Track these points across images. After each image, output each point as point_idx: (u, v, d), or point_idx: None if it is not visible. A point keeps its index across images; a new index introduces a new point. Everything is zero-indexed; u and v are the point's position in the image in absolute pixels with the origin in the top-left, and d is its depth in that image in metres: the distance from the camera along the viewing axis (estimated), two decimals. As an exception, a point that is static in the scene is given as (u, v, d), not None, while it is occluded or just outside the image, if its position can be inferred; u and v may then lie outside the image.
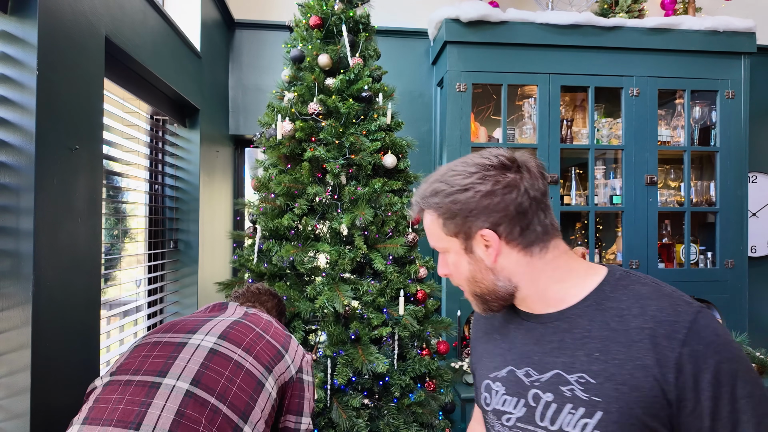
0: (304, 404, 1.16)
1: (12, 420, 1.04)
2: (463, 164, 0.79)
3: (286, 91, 1.87)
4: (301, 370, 1.17)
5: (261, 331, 1.15)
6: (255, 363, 1.06)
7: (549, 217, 0.78)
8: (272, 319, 1.25)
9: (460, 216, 0.76)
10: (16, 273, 1.04)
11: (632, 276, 0.75)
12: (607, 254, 2.66)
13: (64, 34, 1.17)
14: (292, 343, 1.20)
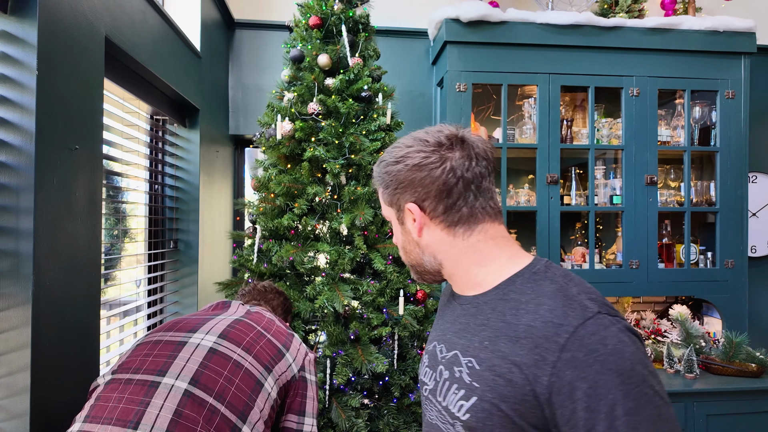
0: (306, 404, 1.15)
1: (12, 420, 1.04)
2: (409, 137, 0.80)
3: (286, 91, 1.87)
4: (304, 369, 1.16)
5: (262, 329, 1.14)
6: (254, 363, 1.05)
7: (482, 200, 0.78)
8: (275, 317, 1.24)
9: (391, 187, 0.79)
10: (16, 273, 1.05)
11: (549, 271, 0.74)
12: (607, 254, 2.66)
13: (64, 34, 1.17)
14: (294, 341, 1.18)
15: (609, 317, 0.65)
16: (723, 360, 2.23)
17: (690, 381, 2.14)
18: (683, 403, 2.06)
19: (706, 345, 2.34)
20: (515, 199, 2.52)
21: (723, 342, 2.27)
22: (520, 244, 2.60)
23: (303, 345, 1.21)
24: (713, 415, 2.08)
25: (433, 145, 0.77)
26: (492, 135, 2.55)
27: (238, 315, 1.18)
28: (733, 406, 2.09)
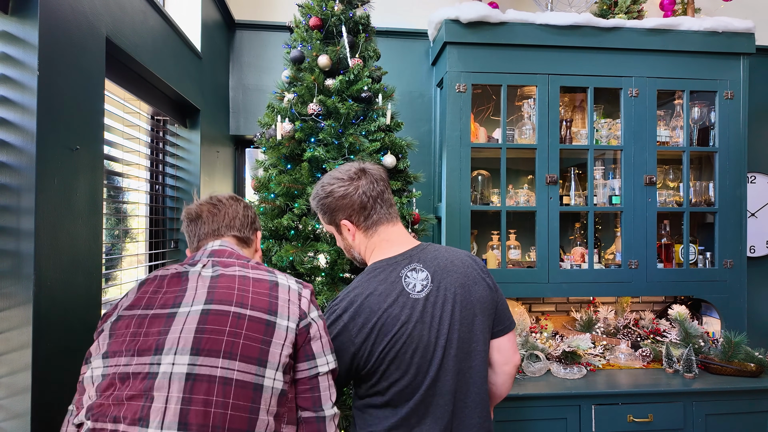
0: (313, 345, 1.01)
1: (12, 420, 1.04)
2: (329, 177, 1.25)
3: (286, 91, 1.87)
4: (304, 316, 1.02)
5: (237, 308, 0.97)
6: (255, 311, 0.97)
7: (385, 209, 1.24)
8: (242, 251, 1.13)
9: (328, 213, 1.25)
10: (16, 273, 1.05)
11: (380, 262, 1.20)
12: (606, 254, 2.66)
13: (65, 34, 1.18)
14: (281, 293, 1.01)
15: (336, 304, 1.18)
16: (722, 360, 2.24)
17: (689, 381, 2.14)
18: (682, 402, 2.07)
19: (705, 345, 2.34)
20: (514, 200, 2.53)
21: (722, 342, 2.28)
22: (520, 244, 2.62)
23: (292, 286, 1.04)
24: (712, 415, 2.08)
25: (347, 179, 1.22)
26: (491, 135, 2.56)
27: (204, 296, 0.97)
28: (731, 405, 2.09)
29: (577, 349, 2.20)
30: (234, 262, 1.08)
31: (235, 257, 1.10)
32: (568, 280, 2.36)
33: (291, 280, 1.07)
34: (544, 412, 2.01)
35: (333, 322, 1.15)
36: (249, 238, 1.23)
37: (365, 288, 1.16)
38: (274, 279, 1.04)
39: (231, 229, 1.20)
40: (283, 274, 1.09)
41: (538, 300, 2.70)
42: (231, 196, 1.25)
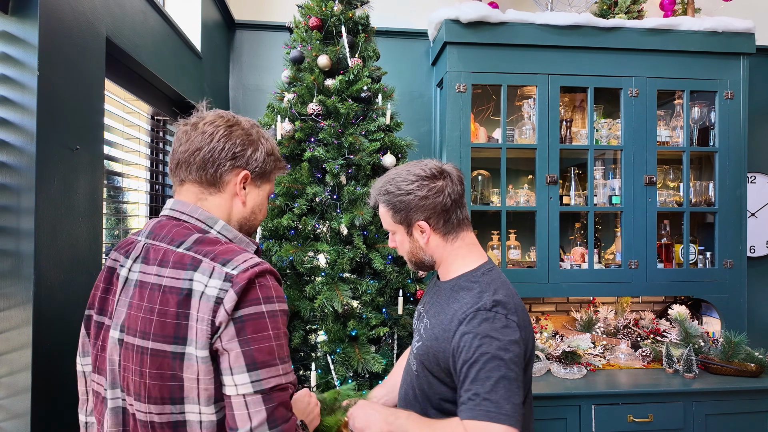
0: (230, 360, 0.80)
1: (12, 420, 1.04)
2: (407, 173, 1.15)
3: (286, 91, 1.87)
4: (218, 330, 0.80)
5: (154, 304, 0.83)
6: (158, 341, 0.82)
7: (463, 212, 1.17)
8: (164, 266, 0.85)
9: (404, 211, 1.14)
10: (16, 273, 1.05)
11: (485, 277, 1.12)
12: (606, 254, 2.66)
13: (65, 34, 1.18)
14: (192, 308, 0.81)
15: (493, 312, 1.04)
16: (722, 360, 2.24)
17: (689, 381, 2.14)
18: (682, 402, 2.06)
19: (705, 345, 2.34)
20: (515, 200, 2.52)
21: (722, 342, 2.28)
22: (520, 244, 2.62)
23: (208, 292, 0.81)
24: (712, 415, 2.08)
25: (431, 178, 1.13)
26: (491, 135, 2.56)
27: (121, 318, 0.87)
28: (731, 405, 2.09)
29: (577, 349, 2.20)
30: (163, 249, 0.87)
31: (171, 236, 0.88)
32: (568, 280, 2.35)
33: (214, 280, 0.82)
34: (544, 412, 2.01)
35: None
36: (216, 181, 0.93)
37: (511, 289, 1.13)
38: (187, 286, 0.82)
39: (189, 172, 0.93)
40: (210, 264, 0.83)
41: (538, 300, 2.70)
42: (218, 114, 0.96)
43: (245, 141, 0.95)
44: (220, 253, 0.85)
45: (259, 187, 1.00)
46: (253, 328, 0.81)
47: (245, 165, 0.96)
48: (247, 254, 0.87)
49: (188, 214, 0.92)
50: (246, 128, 0.97)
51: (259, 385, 0.81)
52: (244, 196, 0.97)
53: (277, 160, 1.03)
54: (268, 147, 1.00)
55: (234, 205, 0.96)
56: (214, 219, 0.93)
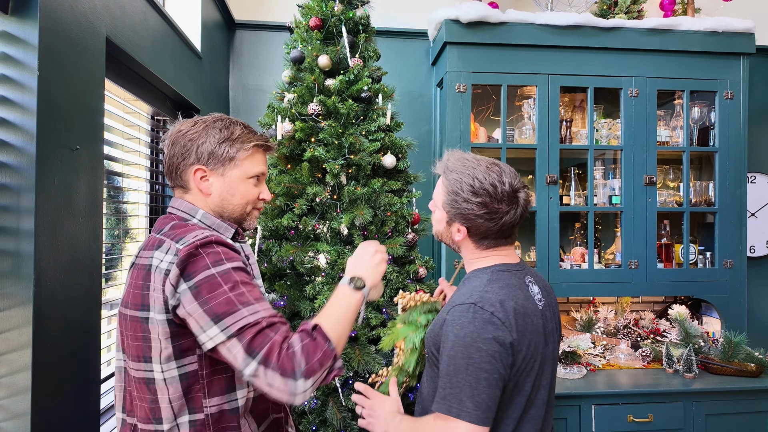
0: (196, 320, 0.91)
1: (12, 420, 1.04)
2: (480, 181, 1.09)
3: (286, 91, 1.87)
4: (172, 295, 0.92)
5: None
6: (133, 307, 0.98)
7: (513, 231, 1.15)
8: (150, 249, 0.99)
9: (454, 210, 1.12)
10: (16, 273, 1.05)
11: (488, 275, 1.12)
12: (606, 254, 2.66)
13: (65, 34, 1.18)
14: (153, 279, 0.94)
15: (479, 306, 1.02)
16: (722, 360, 2.24)
17: (689, 381, 2.14)
18: (682, 402, 2.06)
19: (705, 345, 2.34)
20: (515, 200, 2.52)
21: (722, 342, 2.28)
22: (520, 244, 2.62)
23: (161, 266, 0.94)
24: (712, 415, 2.08)
25: (499, 200, 1.08)
26: (491, 135, 2.56)
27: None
28: (731, 405, 2.09)
29: (577, 349, 2.20)
30: (155, 240, 1.01)
31: (160, 226, 1.04)
32: (568, 280, 2.36)
33: (167, 255, 0.94)
34: (544, 412, 2.01)
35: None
36: (182, 182, 1.08)
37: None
38: (149, 262, 0.96)
39: (171, 180, 1.10)
40: (170, 243, 0.96)
41: (538, 300, 2.70)
42: (194, 122, 1.09)
43: (189, 140, 1.06)
44: (180, 233, 0.98)
45: (223, 175, 1.07)
46: (207, 290, 0.91)
47: (196, 161, 1.06)
48: (202, 231, 0.98)
49: (176, 208, 1.08)
50: (190, 128, 1.07)
51: (228, 331, 0.89)
52: (207, 189, 1.07)
53: (237, 143, 1.07)
54: (221, 135, 1.06)
55: (203, 198, 1.08)
56: (196, 209, 1.08)
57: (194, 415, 0.96)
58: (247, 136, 1.09)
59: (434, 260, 2.55)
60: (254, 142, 1.09)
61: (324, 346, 0.92)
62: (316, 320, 0.97)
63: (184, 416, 0.96)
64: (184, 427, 0.96)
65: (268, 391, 0.89)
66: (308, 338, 0.92)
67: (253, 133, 1.11)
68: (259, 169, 1.11)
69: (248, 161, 1.09)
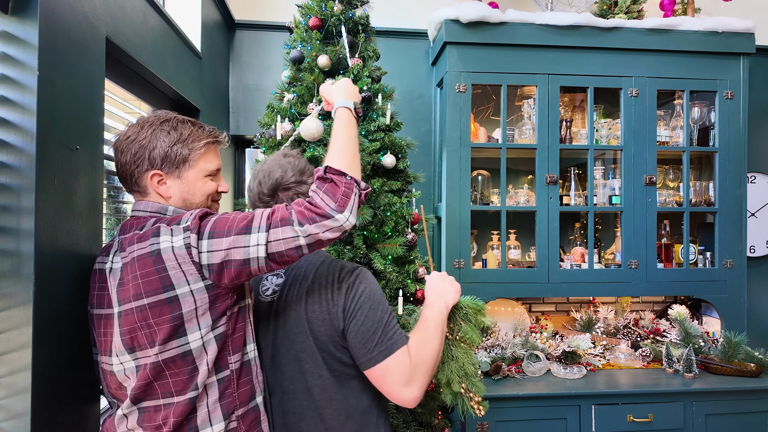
0: (229, 224, 0.98)
1: (12, 420, 1.04)
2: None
3: (286, 91, 1.87)
4: (202, 266, 0.97)
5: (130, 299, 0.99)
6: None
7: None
8: (132, 244, 1.01)
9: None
10: (16, 273, 1.05)
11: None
12: (606, 254, 2.66)
13: (65, 34, 1.18)
14: (166, 260, 0.97)
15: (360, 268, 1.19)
16: (722, 360, 2.24)
17: (689, 381, 2.14)
18: (682, 402, 2.07)
19: (705, 345, 2.34)
20: (514, 200, 2.53)
21: (722, 342, 2.28)
22: (520, 244, 2.62)
23: (176, 244, 0.97)
24: (712, 415, 2.08)
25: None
26: (491, 135, 2.56)
27: (116, 296, 1.02)
28: (731, 405, 2.09)
29: (577, 349, 2.21)
30: (130, 237, 1.02)
31: (135, 227, 1.05)
32: (568, 280, 2.36)
33: (176, 237, 0.97)
34: (544, 412, 2.01)
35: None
36: (139, 187, 1.09)
37: None
38: (155, 248, 0.97)
39: (127, 186, 1.12)
40: (167, 228, 0.99)
41: (538, 300, 2.70)
42: (140, 126, 1.09)
43: (139, 146, 1.06)
44: (171, 219, 1.02)
45: (180, 177, 1.08)
46: (221, 224, 0.98)
47: (150, 166, 1.06)
48: (191, 211, 1.02)
49: (143, 210, 1.08)
50: (138, 133, 1.07)
51: (262, 227, 0.96)
52: (166, 192, 1.08)
53: (189, 142, 1.07)
54: (171, 137, 1.06)
55: (163, 201, 1.09)
56: (165, 207, 1.08)
57: (221, 373, 1.03)
58: (197, 134, 1.09)
59: (434, 260, 2.55)
60: (205, 140, 1.09)
61: (340, 179, 0.99)
62: (325, 162, 1.04)
63: (212, 377, 1.01)
64: (212, 387, 1.01)
65: (320, 237, 0.96)
66: (325, 183, 0.99)
67: (202, 129, 1.11)
68: (214, 166, 1.12)
69: (202, 160, 1.10)
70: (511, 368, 2.20)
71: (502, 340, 2.34)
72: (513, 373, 2.18)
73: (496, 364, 2.15)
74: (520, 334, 2.35)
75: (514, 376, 2.18)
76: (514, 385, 2.08)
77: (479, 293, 2.31)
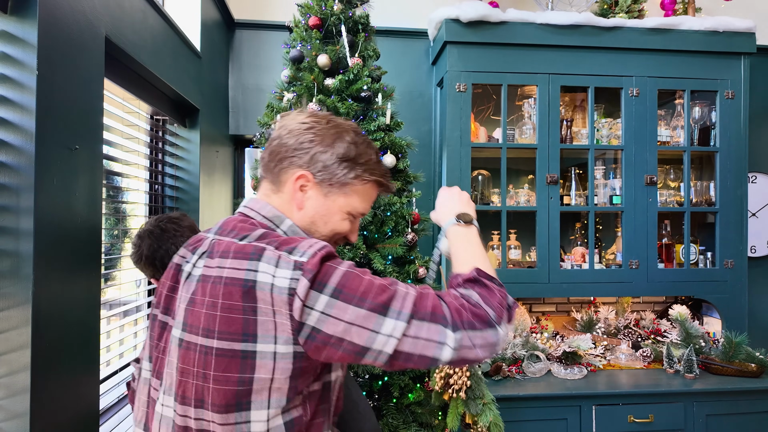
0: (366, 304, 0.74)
1: (12, 420, 1.04)
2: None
3: (286, 91, 1.87)
4: (302, 325, 0.73)
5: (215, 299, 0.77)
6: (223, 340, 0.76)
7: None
8: (225, 258, 0.79)
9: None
10: (16, 273, 1.05)
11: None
12: (607, 254, 2.66)
13: (64, 34, 1.17)
14: (260, 300, 0.74)
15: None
16: (723, 360, 2.23)
17: (690, 381, 2.14)
18: (683, 403, 2.06)
19: (706, 345, 2.34)
20: (515, 199, 2.52)
21: (723, 342, 2.27)
22: (520, 244, 2.61)
23: (278, 283, 0.74)
24: (713, 415, 2.08)
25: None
26: (492, 135, 2.56)
27: (182, 315, 0.81)
28: (732, 406, 2.09)
29: (578, 349, 2.20)
30: (226, 242, 0.81)
31: (236, 231, 0.83)
32: (568, 280, 2.35)
33: (282, 270, 0.74)
34: (545, 413, 2.01)
35: None
36: (276, 178, 0.89)
37: None
38: (251, 277, 0.75)
39: (263, 166, 0.91)
40: (275, 252, 0.76)
41: (538, 300, 2.70)
42: (311, 112, 0.93)
43: (309, 139, 0.86)
44: (283, 242, 0.78)
45: (326, 196, 0.88)
46: (353, 286, 0.74)
47: (306, 165, 0.87)
48: (311, 239, 0.79)
49: (257, 211, 0.88)
50: (316, 128, 0.87)
51: (405, 315, 0.74)
52: (301, 201, 0.88)
53: (360, 168, 0.88)
54: (346, 151, 0.87)
55: (292, 209, 0.88)
56: (282, 218, 0.88)
57: None
58: (372, 166, 0.91)
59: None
60: (376, 177, 0.91)
61: (493, 286, 0.81)
62: (469, 267, 0.84)
63: None
64: None
65: (469, 355, 0.74)
66: (476, 285, 0.81)
67: (379, 165, 0.93)
68: (363, 208, 0.92)
69: (358, 194, 0.91)
70: (512, 369, 2.20)
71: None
72: (513, 374, 2.18)
73: (497, 365, 2.14)
74: (520, 335, 2.35)
75: (515, 376, 2.17)
76: (515, 385, 2.07)
77: (479, 293, 2.30)
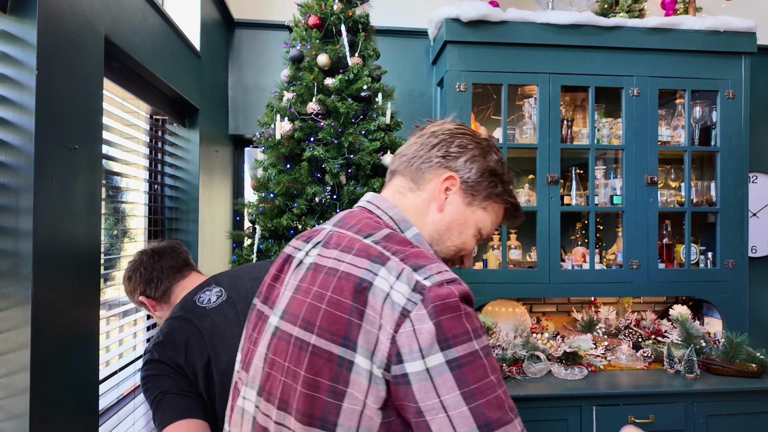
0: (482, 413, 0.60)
1: (11, 420, 1.04)
2: None
3: (285, 90, 1.87)
4: (399, 359, 0.62)
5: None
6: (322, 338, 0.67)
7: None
8: (348, 251, 0.73)
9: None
10: (15, 273, 1.04)
11: None
12: (608, 254, 2.65)
13: (64, 33, 1.17)
14: (370, 305, 0.65)
15: None
16: (723, 360, 2.23)
17: (690, 381, 2.14)
18: (683, 403, 2.06)
19: (707, 345, 2.33)
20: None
21: (723, 342, 2.27)
22: (521, 244, 2.61)
23: (394, 296, 0.64)
24: (713, 416, 2.07)
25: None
26: (492, 135, 2.55)
27: (284, 302, 0.76)
28: (733, 406, 2.09)
29: (578, 349, 2.20)
30: (349, 237, 0.75)
31: (360, 226, 0.77)
32: (569, 280, 2.35)
33: (401, 284, 0.65)
34: (545, 413, 2.00)
35: None
36: (418, 176, 0.84)
37: None
38: (368, 278, 0.66)
39: (401, 162, 0.87)
40: (400, 264, 0.67)
41: (539, 300, 2.70)
42: (480, 139, 0.88)
43: (469, 146, 0.85)
44: (411, 255, 0.70)
45: (468, 205, 0.84)
46: (474, 377, 0.61)
47: (457, 168, 0.84)
48: (441, 264, 0.70)
49: (383, 210, 0.82)
50: (472, 136, 0.86)
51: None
52: (441, 204, 0.83)
53: (501, 187, 0.86)
54: (486, 165, 0.85)
55: (429, 210, 0.83)
56: (408, 224, 0.81)
57: None
58: (511, 191, 0.90)
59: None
60: (513, 201, 0.90)
61: None
62: None
63: None
64: None
65: None
66: None
67: (513, 190, 0.92)
68: (492, 227, 0.89)
69: (495, 214, 0.88)
70: (512, 369, 2.19)
71: (502, 340, 2.34)
72: (514, 374, 2.18)
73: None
74: (520, 335, 2.34)
75: (515, 376, 2.17)
76: (515, 385, 2.07)
77: (480, 293, 2.30)
